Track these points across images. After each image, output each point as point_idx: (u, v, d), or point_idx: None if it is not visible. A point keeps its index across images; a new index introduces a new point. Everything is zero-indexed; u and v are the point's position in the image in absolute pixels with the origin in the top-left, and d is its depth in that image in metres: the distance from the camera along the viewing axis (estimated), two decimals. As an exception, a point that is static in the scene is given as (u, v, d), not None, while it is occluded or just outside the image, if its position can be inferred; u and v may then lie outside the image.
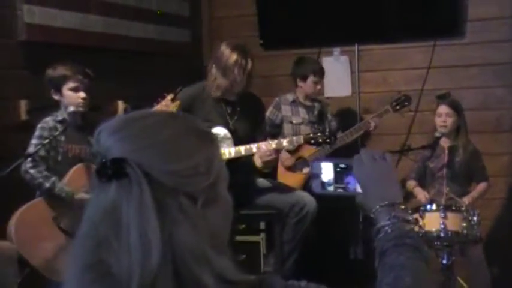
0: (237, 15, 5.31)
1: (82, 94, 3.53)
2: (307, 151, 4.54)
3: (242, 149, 3.81)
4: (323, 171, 1.40)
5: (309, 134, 3.95)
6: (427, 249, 1.23)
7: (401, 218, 1.25)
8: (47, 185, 3.43)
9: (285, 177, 4.43)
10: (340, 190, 1.40)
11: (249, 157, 3.85)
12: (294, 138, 3.87)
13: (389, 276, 1.17)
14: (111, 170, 0.97)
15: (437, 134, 4.22)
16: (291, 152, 4.57)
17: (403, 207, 1.27)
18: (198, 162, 1.01)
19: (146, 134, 1.02)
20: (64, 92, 3.54)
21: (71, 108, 3.54)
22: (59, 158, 3.55)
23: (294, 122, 4.69)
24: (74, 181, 3.50)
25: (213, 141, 1.08)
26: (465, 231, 3.72)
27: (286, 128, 4.69)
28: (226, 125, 3.89)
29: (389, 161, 1.34)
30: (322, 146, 4.02)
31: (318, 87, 4.69)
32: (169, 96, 3.67)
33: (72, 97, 3.53)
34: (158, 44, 4.91)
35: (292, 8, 5.02)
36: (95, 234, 0.98)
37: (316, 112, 4.75)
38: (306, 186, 4.43)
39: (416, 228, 1.32)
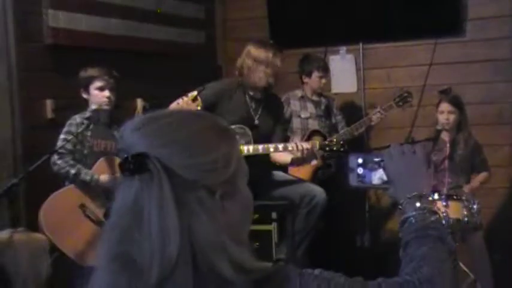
0: (248, 17, 5.38)
1: (107, 93, 3.68)
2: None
3: (260, 148, 3.96)
4: (358, 165, 1.43)
5: (325, 141, 4.08)
6: (451, 239, 1.23)
7: (427, 209, 1.26)
8: (73, 171, 3.57)
9: (295, 169, 4.50)
10: (374, 183, 1.42)
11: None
12: (309, 145, 3.98)
13: (408, 266, 1.18)
14: (133, 165, 1.01)
15: (438, 127, 4.32)
16: None
17: (430, 198, 1.28)
18: (217, 157, 1.04)
19: (167, 131, 1.05)
20: (91, 91, 3.70)
21: (93, 106, 3.68)
22: (86, 151, 3.68)
23: (302, 116, 4.80)
24: (98, 173, 3.63)
25: (233, 138, 1.11)
26: (466, 219, 3.81)
27: (295, 122, 4.80)
28: (251, 120, 4.04)
29: (419, 154, 1.34)
30: (336, 153, 4.12)
31: (323, 81, 4.79)
32: (191, 95, 3.75)
33: (98, 95, 3.69)
34: (175, 46, 4.96)
35: (300, 10, 5.07)
36: (120, 225, 1.02)
37: (323, 107, 4.85)
38: (315, 177, 4.57)
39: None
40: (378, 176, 1.42)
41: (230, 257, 1.00)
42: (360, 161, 1.43)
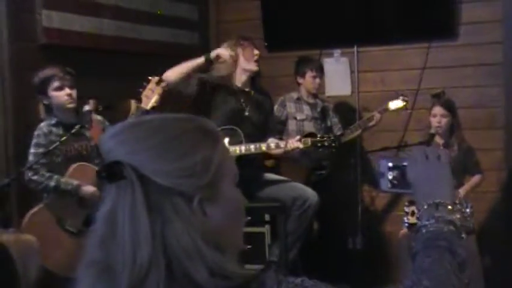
0: (242, 19, 5.38)
1: (67, 91, 3.53)
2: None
3: (252, 147, 3.98)
4: (389, 169, 1.38)
5: (317, 137, 4.09)
6: (463, 251, 1.17)
7: (442, 218, 1.21)
8: (52, 183, 3.46)
9: (289, 172, 4.51)
10: (405, 188, 1.35)
11: (257, 153, 4.04)
12: (301, 140, 4.02)
13: (409, 279, 1.14)
14: (108, 173, 1.01)
15: (432, 131, 4.33)
16: None
17: (450, 207, 1.22)
18: (194, 163, 1.02)
19: (143, 137, 1.04)
20: (50, 93, 3.54)
21: (56, 110, 3.55)
22: (59, 160, 3.56)
23: (298, 118, 4.81)
24: (76, 179, 3.53)
25: (215, 140, 1.08)
26: (458, 223, 3.89)
27: (291, 124, 4.82)
28: (242, 111, 4.11)
29: (443, 160, 1.29)
30: (328, 149, 4.13)
31: (317, 81, 4.81)
32: (155, 79, 3.66)
33: (58, 96, 3.54)
34: (168, 47, 4.98)
35: (295, 13, 5.09)
36: (98, 232, 1.02)
37: (319, 109, 4.87)
38: (308, 179, 4.61)
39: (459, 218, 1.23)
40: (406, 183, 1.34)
41: (206, 262, 0.98)
42: (390, 165, 1.40)
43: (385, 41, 5.08)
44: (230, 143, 4.01)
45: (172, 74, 3.98)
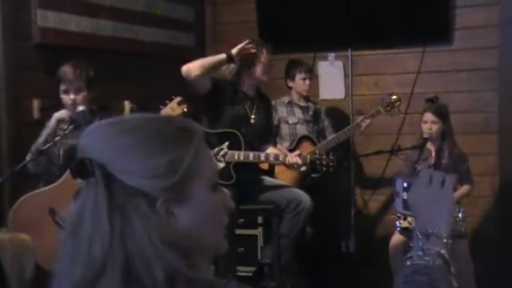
0: (238, 21, 5.38)
1: (71, 96, 3.53)
2: (306, 148, 4.68)
3: (251, 156, 4.00)
4: (404, 189, 1.34)
5: (316, 155, 4.15)
6: (450, 285, 1.13)
7: (430, 251, 1.17)
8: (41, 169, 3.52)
9: (283, 175, 4.53)
10: None
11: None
12: (300, 160, 4.03)
13: None
14: (76, 170, 1.02)
15: (425, 135, 4.32)
16: (291, 149, 4.71)
17: (444, 240, 1.18)
18: (158, 164, 1.01)
19: (114, 136, 1.04)
20: (60, 93, 3.58)
21: (80, 108, 3.53)
22: (61, 153, 3.57)
23: (290, 122, 4.83)
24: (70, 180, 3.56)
25: (191, 141, 1.06)
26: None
27: (283, 128, 4.84)
28: (247, 117, 4.13)
29: (446, 187, 1.24)
30: (324, 169, 4.18)
31: (307, 82, 4.83)
32: (177, 99, 3.71)
33: (64, 98, 3.56)
34: (164, 48, 4.98)
35: (290, 16, 5.09)
36: (68, 227, 1.04)
37: (311, 112, 4.89)
38: (302, 183, 4.59)
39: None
40: None
41: (164, 266, 0.97)
42: (405, 185, 1.36)
43: (379, 44, 5.09)
44: (230, 147, 4.02)
45: (194, 67, 3.85)
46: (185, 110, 3.70)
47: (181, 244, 1.00)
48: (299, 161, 4.02)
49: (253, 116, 4.16)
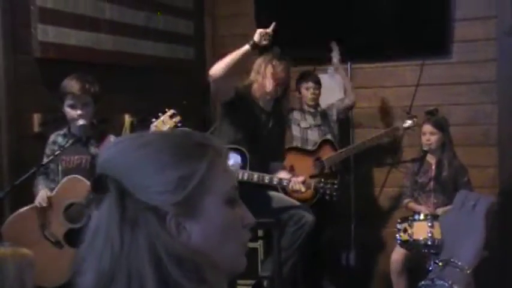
0: (238, 34, 5.32)
1: (78, 111, 3.54)
2: (325, 153, 4.73)
3: (255, 176, 3.97)
4: None
5: (321, 183, 4.10)
6: None
7: (437, 281, 1.11)
8: (36, 190, 3.55)
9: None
10: None
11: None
12: (303, 188, 4.00)
13: None
14: (96, 185, 1.03)
15: (424, 148, 4.36)
16: (310, 152, 4.78)
17: (460, 268, 1.10)
18: (168, 179, 1.01)
19: (129, 151, 1.05)
20: (65, 107, 3.59)
21: (80, 122, 3.57)
22: (60, 168, 3.59)
23: (302, 126, 4.91)
24: (65, 190, 3.52)
25: (204, 157, 1.05)
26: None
27: (295, 129, 4.91)
28: (260, 132, 4.08)
29: (478, 212, 1.16)
30: (327, 197, 4.13)
31: (311, 91, 4.88)
32: (169, 112, 3.66)
33: (70, 113, 3.57)
34: (164, 61, 5.00)
35: (289, 29, 5.01)
36: (84, 243, 1.03)
37: (319, 116, 4.95)
38: (314, 200, 4.52)
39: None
40: None
41: (168, 283, 0.96)
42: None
43: (379, 57, 5.13)
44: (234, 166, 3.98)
45: (220, 66, 3.75)
46: (178, 123, 3.65)
47: (191, 259, 0.99)
48: (302, 188, 3.99)
49: (266, 132, 4.12)
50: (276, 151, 4.27)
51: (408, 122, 4.75)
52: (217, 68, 3.77)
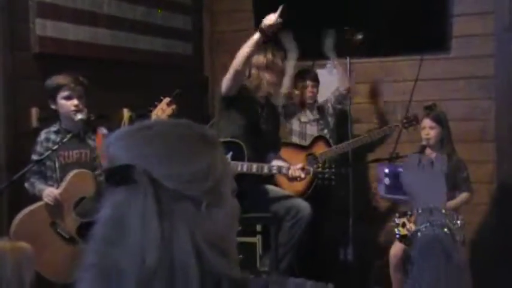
0: (236, 29, 5.38)
1: (74, 101, 3.53)
2: (319, 149, 4.75)
3: (254, 167, 3.98)
4: (385, 175, 1.47)
5: (318, 169, 4.13)
6: (457, 254, 1.23)
7: (436, 222, 1.30)
8: (36, 191, 3.53)
9: (287, 183, 4.46)
10: (399, 194, 1.45)
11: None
12: (302, 174, 4.01)
13: (424, 277, 1.23)
14: (119, 176, 1.01)
15: (423, 143, 4.34)
16: (304, 147, 4.80)
17: (443, 211, 1.31)
18: (199, 167, 1.03)
19: (151, 142, 1.05)
20: (58, 100, 3.57)
21: (63, 117, 3.59)
22: (56, 165, 3.58)
23: (301, 120, 4.97)
24: (73, 186, 3.53)
25: (216, 146, 1.09)
26: (452, 226, 3.90)
27: (294, 123, 4.98)
28: (257, 125, 4.11)
29: (436, 167, 1.36)
30: (325, 182, 4.15)
31: (309, 89, 4.94)
32: (166, 100, 3.66)
33: (66, 105, 3.55)
34: (163, 56, 5.01)
35: (288, 23, 5.14)
36: (102, 235, 1.02)
37: (316, 110, 5.01)
38: (309, 191, 4.61)
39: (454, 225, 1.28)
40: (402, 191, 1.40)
41: (211, 268, 0.98)
42: (386, 171, 1.44)
43: (377, 53, 5.13)
44: (233, 158, 4.00)
45: (239, 62, 3.81)
46: (174, 110, 3.65)
47: (222, 246, 1.02)
48: (302, 174, 4.00)
49: (263, 124, 4.16)
50: (273, 141, 4.29)
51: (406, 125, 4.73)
52: (239, 62, 3.80)
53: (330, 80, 5.26)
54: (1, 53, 3.76)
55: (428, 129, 4.33)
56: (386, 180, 1.22)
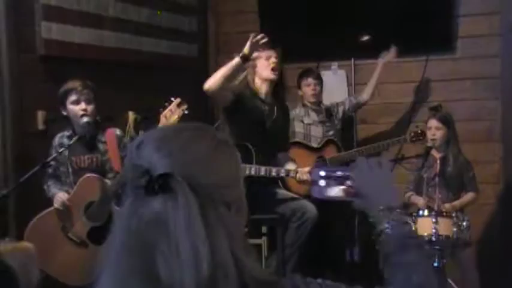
0: (241, 31, 5.22)
1: (82, 105, 3.57)
2: (329, 153, 4.74)
3: (262, 169, 3.99)
4: (320, 177, 1.46)
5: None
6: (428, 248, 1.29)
7: (400, 220, 1.29)
8: (49, 194, 3.61)
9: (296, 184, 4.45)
10: (332, 195, 1.44)
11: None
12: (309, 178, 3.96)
13: (397, 275, 1.24)
14: (159, 185, 1.01)
15: (428, 144, 4.34)
16: (314, 149, 4.79)
17: (399, 210, 1.31)
18: (231, 172, 1.08)
19: (186, 149, 1.05)
20: (68, 106, 3.60)
21: (74, 122, 3.61)
22: (70, 170, 3.63)
23: (305, 122, 4.91)
24: (83, 190, 3.56)
25: (236, 150, 1.14)
26: (455, 236, 3.83)
27: (297, 125, 4.90)
28: (264, 124, 4.10)
29: (385, 167, 1.38)
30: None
31: (311, 87, 4.89)
32: (176, 101, 3.64)
33: (74, 109, 3.58)
34: (168, 58, 5.01)
35: (293, 26, 5.10)
36: (139, 242, 1.01)
37: (323, 113, 4.95)
38: (307, 192, 4.62)
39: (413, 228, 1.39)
40: (338, 190, 1.46)
41: (246, 273, 1.00)
42: (322, 174, 1.48)
43: (383, 53, 5.03)
44: (241, 161, 3.96)
45: (213, 81, 3.81)
46: (185, 111, 3.62)
47: (245, 247, 1.05)
48: (309, 178, 4.00)
49: (271, 123, 4.14)
50: (282, 141, 4.28)
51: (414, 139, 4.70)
52: (212, 82, 3.80)
53: (335, 81, 5.27)
54: (7, 55, 3.78)
55: (435, 130, 4.31)
56: (322, 182, 1.26)
